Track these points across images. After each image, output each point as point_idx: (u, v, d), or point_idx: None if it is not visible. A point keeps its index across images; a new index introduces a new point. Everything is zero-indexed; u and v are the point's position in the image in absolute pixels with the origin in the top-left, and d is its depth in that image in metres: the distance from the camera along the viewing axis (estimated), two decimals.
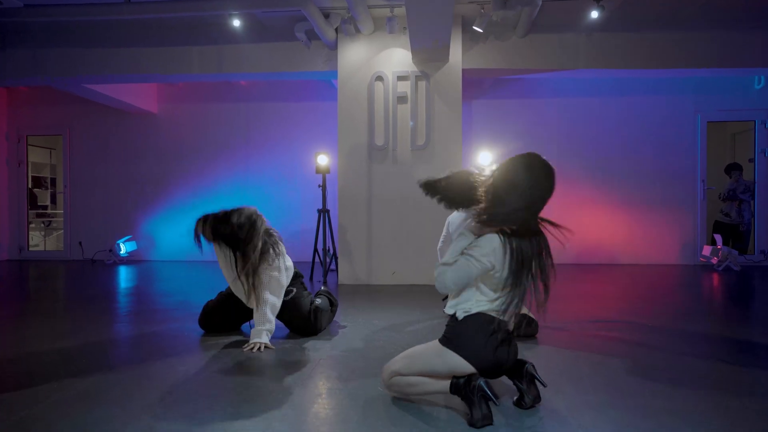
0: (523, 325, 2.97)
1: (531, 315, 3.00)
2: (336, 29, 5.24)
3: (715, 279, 5.47)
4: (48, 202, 9.16)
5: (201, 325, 3.20)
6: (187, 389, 2.16)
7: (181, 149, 7.42)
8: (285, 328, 3.20)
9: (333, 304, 3.38)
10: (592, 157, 6.81)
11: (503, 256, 1.78)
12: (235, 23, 5.12)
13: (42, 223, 8.88)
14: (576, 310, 3.74)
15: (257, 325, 2.83)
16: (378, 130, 5.28)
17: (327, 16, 5.10)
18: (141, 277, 5.86)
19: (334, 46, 5.39)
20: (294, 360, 2.61)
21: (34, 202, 8.55)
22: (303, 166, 7.09)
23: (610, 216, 6.81)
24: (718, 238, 6.32)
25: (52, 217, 9.00)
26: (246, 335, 3.09)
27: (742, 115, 6.80)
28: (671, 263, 6.74)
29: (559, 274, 1.90)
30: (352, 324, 3.40)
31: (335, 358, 2.63)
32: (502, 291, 1.83)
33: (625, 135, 6.83)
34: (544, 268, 1.83)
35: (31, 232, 8.06)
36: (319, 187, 5.71)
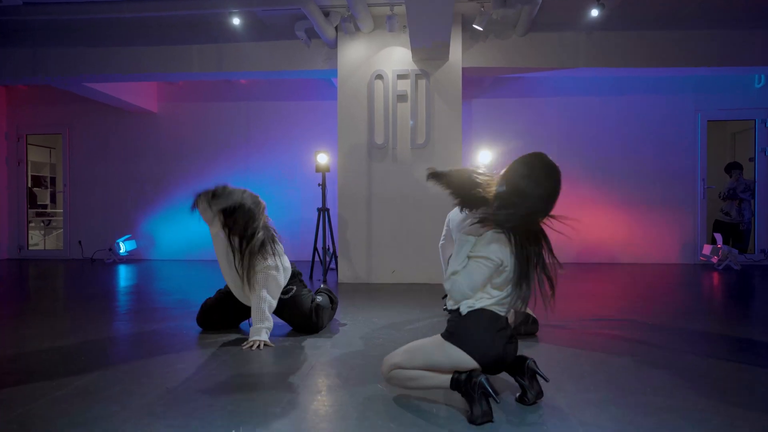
0: (529, 322, 2.97)
1: (532, 313, 3.00)
2: (336, 28, 5.24)
3: (716, 278, 5.47)
4: (48, 202, 9.16)
5: (199, 324, 3.20)
6: (186, 387, 2.16)
7: (181, 148, 7.42)
8: (284, 326, 3.20)
9: (333, 302, 3.38)
10: (592, 156, 6.80)
11: (510, 252, 1.80)
12: (235, 22, 5.12)
13: (42, 223, 8.88)
14: (576, 309, 3.74)
15: (256, 323, 2.82)
16: (378, 129, 5.27)
17: (327, 14, 5.10)
18: (140, 276, 5.85)
19: (334, 45, 5.39)
20: (293, 358, 2.60)
21: (33, 201, 8.55)
22: (303, 164, 7.08)
23: (610, 215, 6.81)
24: (719, 237, 6.31)
25: (52, 216, 9.00)
26: (245, 333, 3.08)
27: (743, 114, 6.80)
28: (671, 262, 6.74)
29: (559, 273, 1.91)
30: (351, 322, 3.39)
31: (335, 356, 2.63)
32: (506, 288, 1.86)
33: (625, 134, 6.83)
34: (545, 265, 1.85)
35: (30, 232, 8.05)
36: (319, 185, 5.70)
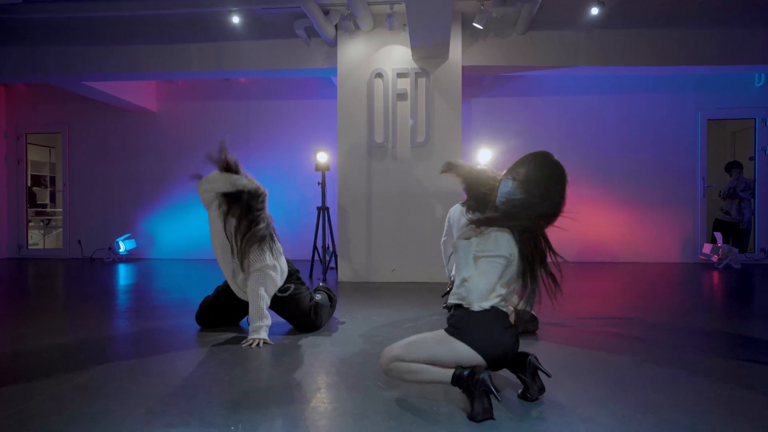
0: (529, 321, 2.97)
1: (532, 312, 2.99)
2: (335, 26, 5.23)
3: (716, 277, 5.46)
4: (47, 201, 9.15)
5: (198, 322, 3.19)
6: (185, 384, 2.15)
7: (180, 147, 7.41)
8: (284, 325, 3.19)
9: (332, 300, 3.38)
10: (592, 155, 6.79)
11: (515, 246, 1.83)
12: (235, 20, 5.11)
13: (41, 222, 8.87)
14: (576, 307, 3.73)
15: (255, 321, 2.81)
16: (378, 127, 5.27)
17: (326, 12, 5.09)
18: (140, 275, 5.85)
19: (333, 43, 5.38)
20: (293, 355, 2.60)
21: (33, 200, 8.54)
22: (302, 163, 7.07)
23: (610, 214, 6.80)
24: (719, 236, 6.31)
25: (52, 215, 8.99)
26: (244, 331, 3.07)
27: (743, 113, 6.79)
28: (671, 261, 6.73)
29: (557, 273, 1.94)
30: (351, 320, 3.38)
31: (334, 353, 2.62)
32: (512, 285, 1.90)
33: (625, 133, 6.82)
34: (546, 263, 1.89)
35: (30, 231, 8.04)
36: (319, 184, 5.69)
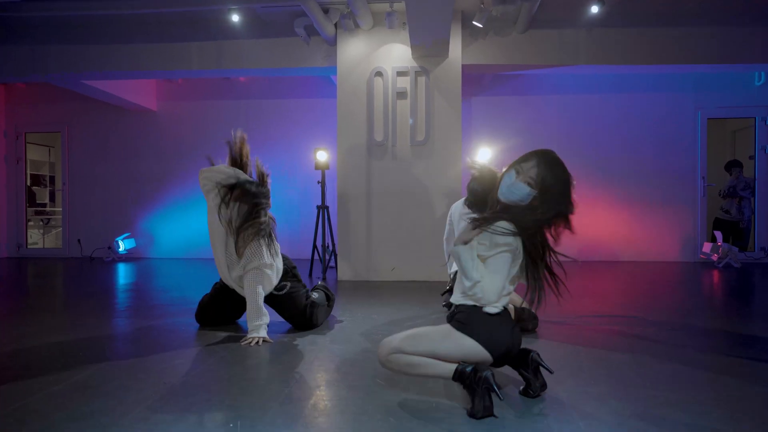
0: (533, 320, 2.96)
1: (531, 310, 2.99)
2: (335, 24, 5.22)
3: (716, 276, 5.46)
4: (47, 200, 9.14)
5: (197, 320, 3.19)
6: (183, 382, 2.14)
7: (180, 147, 7.40)
8: (283, 323, 3.18)
9: (330, 299, 3.36)
10: (591, 154, 6.79)
11: (519, 242, 1.85)
12: (234, 18, 5.11)
13: (41, 221, 8.87)
14: (577, 306, 3.73)
15: (254, 319, 2.79)
16: (377, 126, 5.26)
17: (326, 11, 5.08)
18: (139, 274, 5.84)
19: (333, 42, 5.37)
20: (292, 354, 2.59)
21: (32, 199, 8.54)
22: (302, 162, 7.07)
23: (610, 213, 6.80)
24: (719, 235, 6.31)
25: (51, 215, 8.99)
26: (243, 329, 3.07)
27: (743, 112, 6.79)
28: (671, 260, 6.73)
29: (559, 271, 1.96)
30: (351, 319, 3.38)
31: (334, 351, 2.62)
32: (514, 282, 1.92)
33: (625, 132, 6.82)
34: (549, 261, 1.91)
35: (29, 230, 8.04)
36: (319, 183, 5.68)
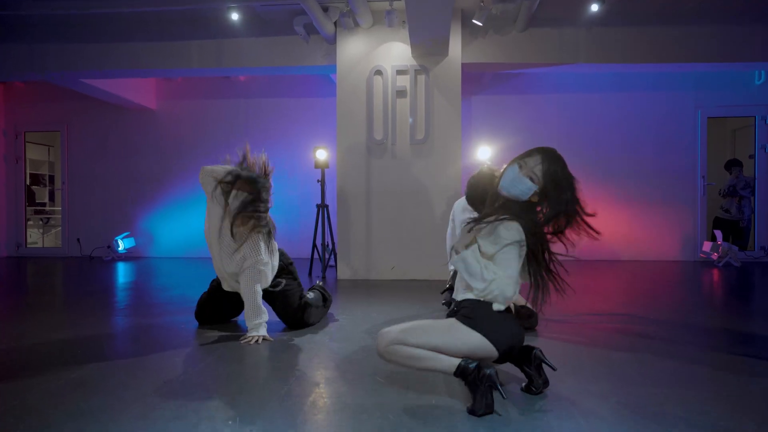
0: (532, 318, 2.96)
1: (531, 307, 2.98)
2: (335, 23, 5.21)
3: (716, 275, 5.45)
4: (46, 200, 9.13)
5: (196, 318, 3.19)
6: (182, 379, 2.14)
7: (179, 145, 7.39)
8: (281, 322, 3.17)
9: (326, 300, 3.31)
10: (591, 153, 6.78)
11: (524, 235, 1.86)
12: (234, 17, 5.10)
13: (40, 221, 8.86)
14: (577, 304, 3.72)
15: (253, 318, 2.77)
16: (377, 125, 5.25)
17: (326, 9, 5.08)
18: (139, 273, 5.83)
19: (332, 40, 5.37)
20: (291, 352, 2.58)
21: (32, 199, 8.53)
22: (302, 161, 7.06)
23: (610, 212, 6.79)
24: (719, 234, 6.30)
25: (51, 214, 8.98)
26: (242, 327, 3.06)
27: (743, 111, 6.78)
28: (671, 259, 6.72)
29: (560, 269, 1.96)
30: (350, 317, 3.37)
31: (333, 349, 2.61)
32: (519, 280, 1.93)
33: (625, 131, 6.81)
34: (548, 260, 1.93)
35: (28, 230, 8.03)
36: (318, 182, 5.68)
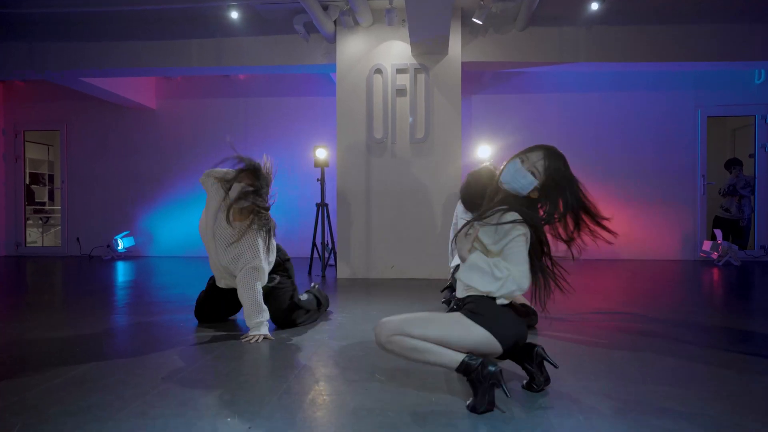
0: (532, 316, 2.95)
1: (530, 305, 2.98)
2: (335, 22, 5.21)
3: (716, 274, 5.45)
4: (45, 199, 9.12)
5: (196, 316, 3.18)
6: (181, 377, 2.13)
7: (179, 145, 7.39)
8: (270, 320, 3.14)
9: (320, 305, 3.25)
10: (591, 152, 6.78)
11: (527, 228, 1.86)
12: (233, 15, 5.10)
13: (39, 220, 8.85)
14: (576, 303, 3.71)
15: (254, 317, 2.75)
16: (377, 124, 5.25)
17: (326, 8, 5.07)
18: (138, 272, 5.83)
19: (332, 39, 5.36)
20: (290, 349, 2.58)
21: (31, 198, 8.52)
22: (302, 161, 7.05)
23: (610, 211, 6.76)
24: (719, 233, 6.30)
25: (50, 213, 8.97)
26: (241, 325, 3.06)
27: (743, 110, 6.78)
28: (671, 258, 6.72)
29: (559, 270, 1.99)
30: (350, 316, 3.37)
31: (332, 347, 2.61)
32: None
33: (624, 130, 6.81)
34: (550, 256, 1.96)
35: (28, 229, 8.02)
36: (318, 181, 5.67)
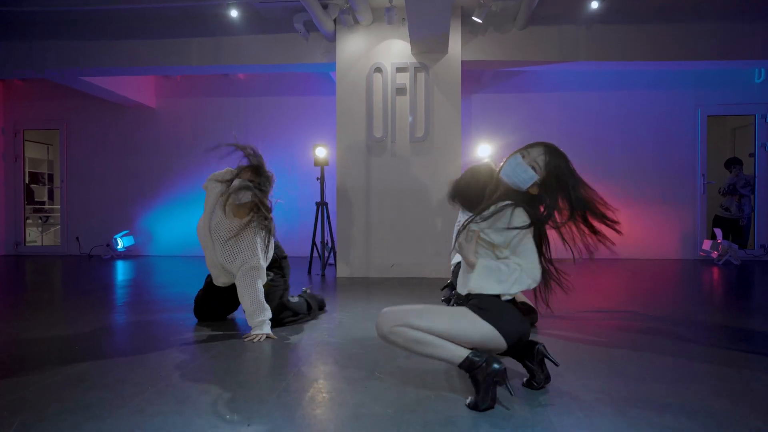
0: (531, 314, 2.95)
1: (530, 303, 2.97)
2: (334, 20, 5.20)
3: (715, 273, 5.44)
4: (45, 198, 9.11)
5: (195, 315, 3.18)
6: (180, 375, 2.12)
7: (178, 144, 7.38)
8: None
9: (311, 309, 3.20)
10: (591, 151, 6.78)
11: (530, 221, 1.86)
12: (233, 14, 5.09)
13: (39, 219, 8.84)
14: (576, 301, 3.71)
15: (257, 315, 2.73)
16: (377, 122, 5.24)
17: (325, 6, 5.06)
18: (138, 271, 5.82)
19: (332, 38, 5.35)
20: (290, 347, 2.57)
21: (31, 197, 8.51)
22: (301, 160, 7.05)
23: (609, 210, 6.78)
24: (718, 232, 6.29)
25: (49, 212, 8.96)
26: (240, 324, 3.05)
27: (743, 110, 6.78)
28: (671, 258, 6.72)
29: (558, 268, 1.97)
30: (349, 314, 3.36)
31: (332, 344, 2.60)
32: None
33: (624, 129, 6.81)
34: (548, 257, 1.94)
35: (27, 228, 8.01)
36: (318, 180, 5.67)
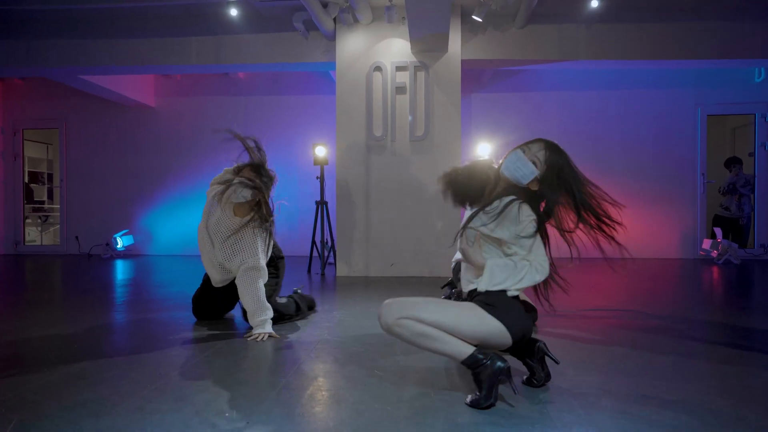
0: (532, 311, 2.94)
1: (530, 302, 2.96)
2: (334, 19, 5.20)
3: (715, 272, 5.44)
4: (44, 197, 9.10)
5: (194, 314, 3.17)
6: (179, 373, 2.12)
7: (178, 143, 7.38)
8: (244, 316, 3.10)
9: (299, 311, 3.16)
10: (591, 151, 6.77)
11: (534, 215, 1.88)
12: (233, 13, 5.08)
13: (38, 218, 8.83)
14: (576, 300, 3.71)
15: (259, 315, 2.72)
16: (376, 121, 5.24)
17: (325, 5, 5.05)
18: (137, 270, 5.81)
19: (332, 37, 5.35)
20: (289, 345, 2.57)
21: (30, 196, 8.50)
22: (301, 159, 7.05)
23: (610, 210, 6.77)
24: (718, 231, 6.29)
25: (49, 212, 8.95)
26: (239, 323, 3.05)
27: (742, 109, 6.78)
28: (671, 257, 6.71)
29: (558, 267, 2.00)
30: (349, 313, 3.36)
31: (331, 343, 2.59)
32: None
33: (624, 128, 6.80)
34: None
35: (27, 228, 8.01)
36: (317, 178, 5.66)
